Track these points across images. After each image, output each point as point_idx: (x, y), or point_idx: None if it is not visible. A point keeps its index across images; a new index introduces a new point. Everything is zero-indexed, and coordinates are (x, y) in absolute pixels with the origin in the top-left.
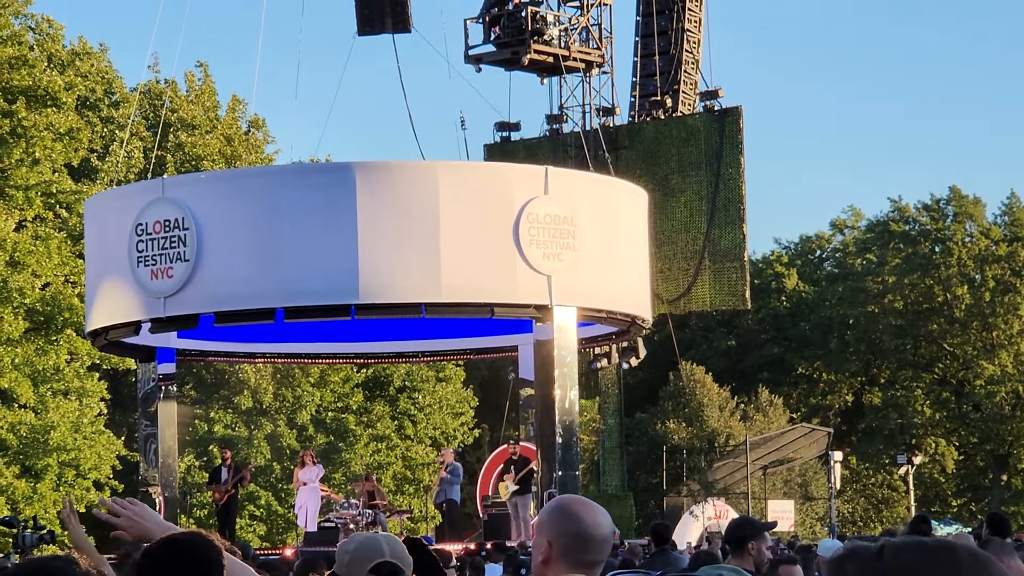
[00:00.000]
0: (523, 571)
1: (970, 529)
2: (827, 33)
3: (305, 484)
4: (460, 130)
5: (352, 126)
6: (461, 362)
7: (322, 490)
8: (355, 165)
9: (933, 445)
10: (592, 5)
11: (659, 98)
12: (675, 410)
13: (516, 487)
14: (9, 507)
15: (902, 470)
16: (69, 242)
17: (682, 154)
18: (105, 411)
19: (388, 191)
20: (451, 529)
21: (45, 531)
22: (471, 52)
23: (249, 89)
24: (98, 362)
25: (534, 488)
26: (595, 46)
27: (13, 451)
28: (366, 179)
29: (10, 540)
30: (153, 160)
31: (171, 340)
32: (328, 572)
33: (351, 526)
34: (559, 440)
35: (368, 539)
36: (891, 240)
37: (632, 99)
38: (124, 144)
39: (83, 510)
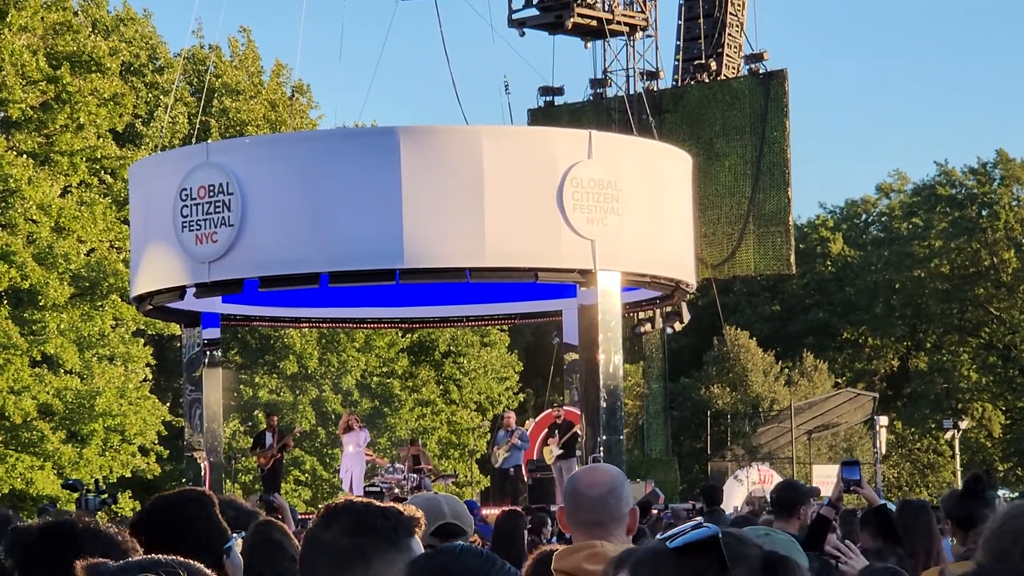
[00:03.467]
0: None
1: (1016, 494)
2: None
3: (349, 448)
4: (504, 94)
5: (396, 90)
6: (506, 327)
7: (367, 455)
8: (399, 129)
9: (979, 410)
10: None
11: (703, 61)
12: (719, 375)
13: (560, 451)
14: (56, 472)
15: (948, 435)
16: (114, 207)
17: (726, 118)
18: (150, 376)
19: (432, 155)
20: (513, 495)
21: (107, 495)
22: (514, 16)
23: (293, 54)
24: (143, 328)
25: (578, 452)
26: (639, 9)
27: (59, 417)
28: (410, 143)
29: (63, 504)
30: (197, 125)
31: (216, 305)
32: None
33: (396, 491)
34: (603, 404)
35: (428, 500)
36: (937, 204)
37: (676, 63)
38: (168, 109)
39: (129, 475)
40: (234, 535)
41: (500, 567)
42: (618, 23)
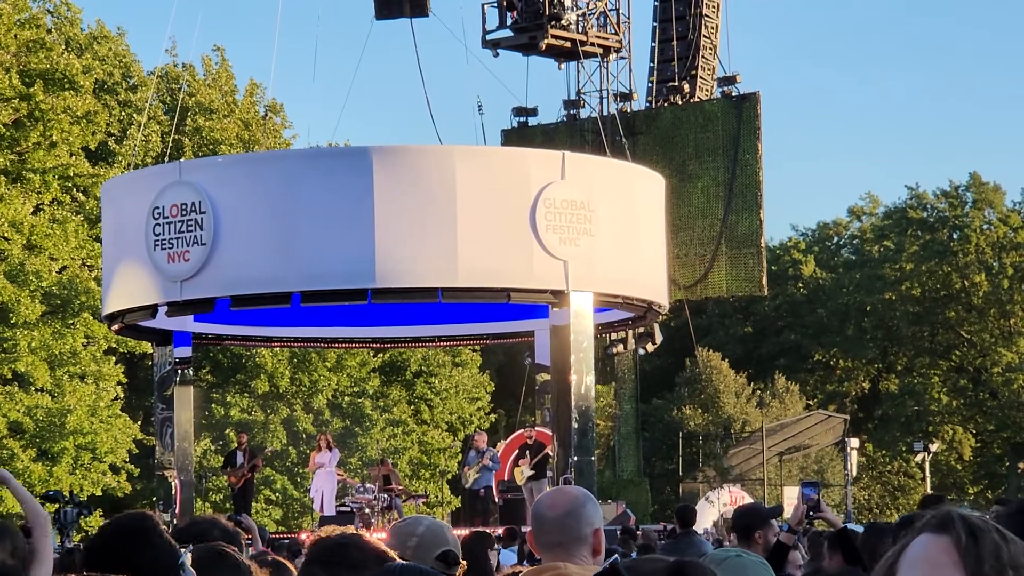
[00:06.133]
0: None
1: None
2: (845, 19)
3: (321, 467)
4: (477, 115)
5: (370, 110)
6: (477, 347)
7: (338, 474)
8: (372, 149)
9: (950, 432)
10: None
11: (676, 83)
12: (691, 396)
13: (532, 472)
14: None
15: (918, 457)
16: (86, 225)
17: (699, 140)
18: (121, 395)
19: (405, 175)
20: (483, 516)
21: (78, 506)
22: (488, 37)
23: (266, 73)
24: (115, 346)
25: (549, 473)
26: (613, 31)
27: (29, 435)
28: (383, 163)
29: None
30: (170, 144)
31: (187, 324)
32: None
33: (367, 511)
34: (575, 425)
35: (436, 525)
36: (909, 227)
37: (649, 84)
38: (141, 128)
39: (99, 493)
40: (183, 550)
41: None
42: (592, 45)
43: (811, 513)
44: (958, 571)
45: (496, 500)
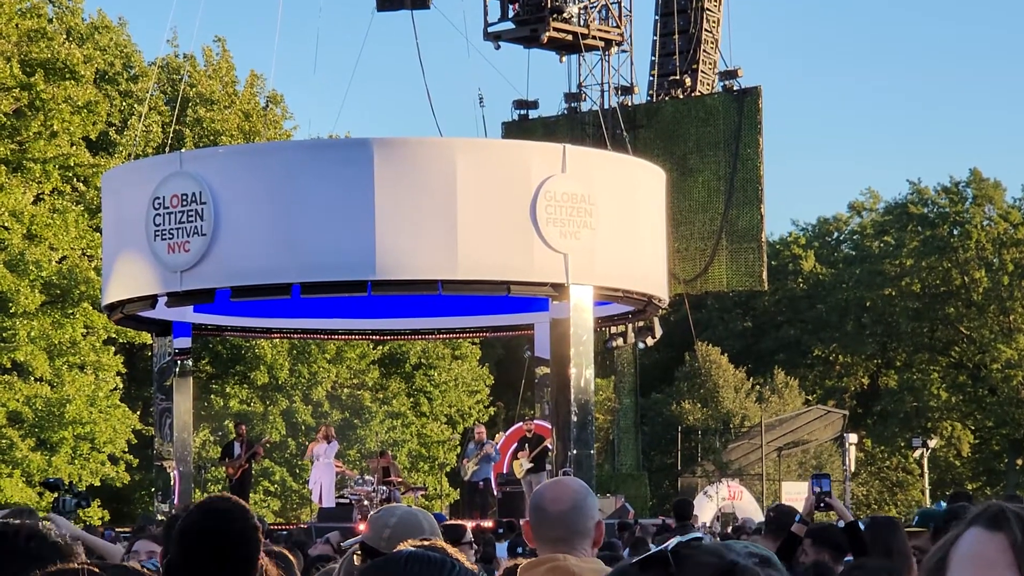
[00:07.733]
0: (519, 549)
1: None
2: (847, 13)
3: (318, 458)
4: (478, 107)
5: (370, 102)
6: (477, 340)
7: (336, 466)
8: (373, 141)
9: (949, 428)
10: None
11: (678, 77)
12: (690, 391)
13: (530, 465)
14: (24, 480)
15: (917, 453)
16: (86, 215)
17: (700, 134)
18: (121, 385)
19: (406, 167)
20: (482, 508)
21: (78, 496)
22: (490, 29)
23: (267, 64)
24: (114, 336)
25: (548, 466)
26: (614, 24)
27: (29, 424)
28: (384, 155)
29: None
30: (171, 135)
31: (187, 314)
32: (352, 542)
33: (365, 502)
34: (574, 419)
35: (409, 514)
36: (909, 222)
37: (651, 78)
38: (142, 118)
39: (98, 483)
40: None
41: (450, 570)
42: (593, 38)
43: (821, 504)
44: (1012, 572)
45: (495, 493)
